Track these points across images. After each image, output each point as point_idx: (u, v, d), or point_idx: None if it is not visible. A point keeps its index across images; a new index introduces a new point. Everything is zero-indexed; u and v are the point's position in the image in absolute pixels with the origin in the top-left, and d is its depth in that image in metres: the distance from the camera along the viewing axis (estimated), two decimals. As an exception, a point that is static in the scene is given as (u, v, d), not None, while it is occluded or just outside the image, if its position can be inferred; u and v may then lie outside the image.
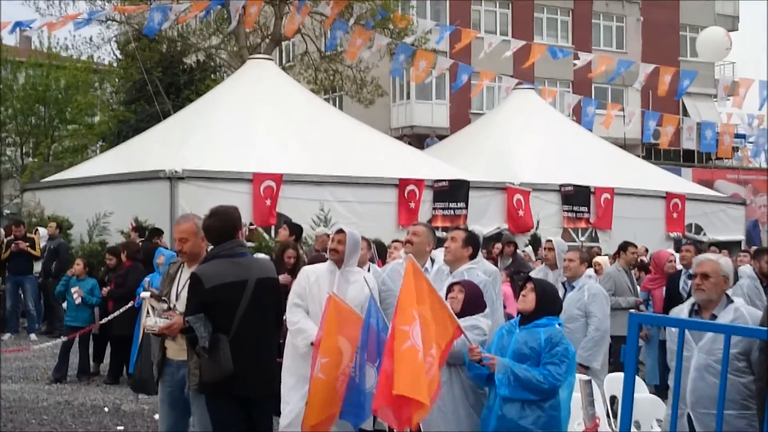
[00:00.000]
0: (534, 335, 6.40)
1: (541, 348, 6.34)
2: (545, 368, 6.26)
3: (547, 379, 6.23)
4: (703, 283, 6.08)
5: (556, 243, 10.58)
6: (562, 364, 6.27)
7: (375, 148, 22.42)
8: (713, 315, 6.07)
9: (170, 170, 18.41)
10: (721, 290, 6.09)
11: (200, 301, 6.15)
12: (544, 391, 6.26)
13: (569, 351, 6.35)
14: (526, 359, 6.35)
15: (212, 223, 6.44)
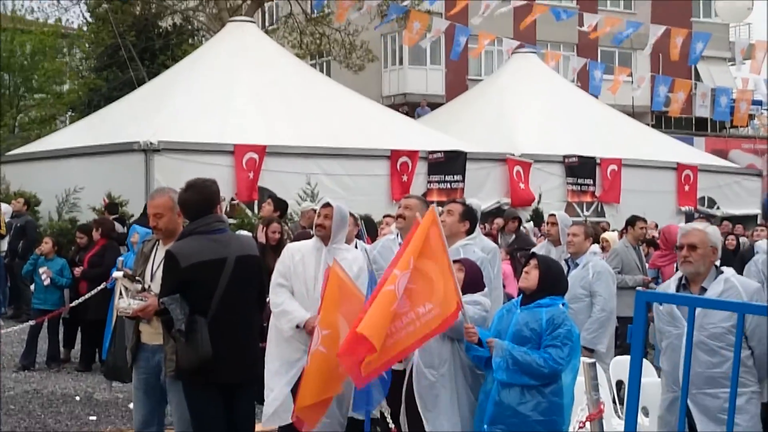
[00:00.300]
0: (535, 316, 6.38)
1: (542, 330, 6.31)
2: (546, 351, 6.23)
3: (548, 363, 6.20)
4: (690, 255, 6.09)
5: (559, 217, 10.56)
6: (565, 347, 6.24)
7: (365, 117, 22.37)
8: (702, 288, 6.08)
9: (145, 142, 18.35)
10: (709, 262, 6.10)
11: (176, 280, 6.13)
12: (544, 376, 6.22)
13: (573, 333, 6.32)
14: (527, 341, 6.33)
15: (188, 197, 6.41)
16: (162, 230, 6.73)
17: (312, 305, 7.44)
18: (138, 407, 6.91)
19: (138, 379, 6.83)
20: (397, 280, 6.06)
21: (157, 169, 18.24)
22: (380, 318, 6.00)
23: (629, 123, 29.01)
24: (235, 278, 6.26)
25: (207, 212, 6.38)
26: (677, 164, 25.40)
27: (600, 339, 9.21)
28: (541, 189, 22.63)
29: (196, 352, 6.04)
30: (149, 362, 6.73)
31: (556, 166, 23.43)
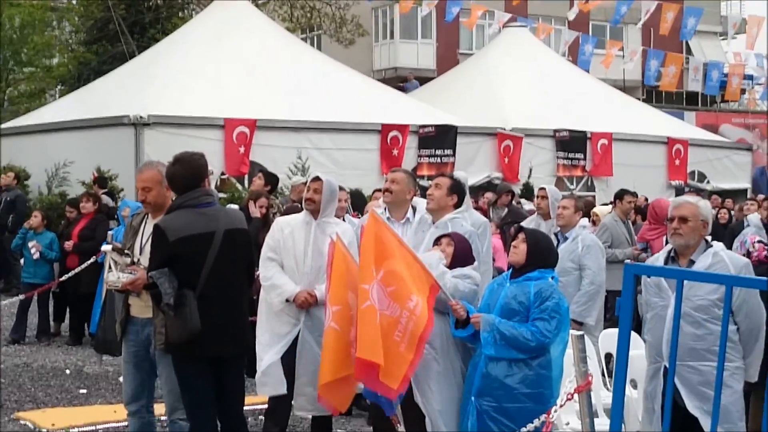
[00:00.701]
0: (524, 289, 6.39)
1: (530, 303, 6.31)
2: (533, 324, 6.24)
3: (535, 336, 6.21)
4: (680, 227, 6.08)
5: (549, 191, 10.56)
6: (552, 320, 6.24)
7: (356, 91, 22.32)
8: (691, 261, 6.08)
9: (135, 116, 18.29)
10: (699, 235, 6.10)
11: (164, 254, 6.13)
12: (532, 349, 6.23)
13: (561, 306, 6.33)
14: (515, 314, 6.34)
15: (176, 171, 6.39)
16: (151, 204, 6.72)
17: (301, 279, 7.46)
18: (128, 380, 6.92)
19: (127, 352, 6.84)
20: (369, 294, 6.09)
21: (146, 143, 18.18)
22: (372, 334, 6.04)
23: (620, 97, 28.99)
24: (223, 252, 6.25)
25: (195, 186, 6.37)
26: (668, 138, 25.41)
27: (589, 312, 9.24)
28: (531, 163, 22.64)
29: (184, 325, 6.04)
30: (139, 335, 6.74)
31: (546, 140, 23.42)
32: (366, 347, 6.02)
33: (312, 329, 7.40)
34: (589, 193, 22.67)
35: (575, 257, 9.33)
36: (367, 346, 6.02)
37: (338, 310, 6.48)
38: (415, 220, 7.71)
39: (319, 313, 7.38)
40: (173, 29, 27.63)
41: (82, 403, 9.69)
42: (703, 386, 5.87)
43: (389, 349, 6.13)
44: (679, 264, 6.12)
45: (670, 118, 29.57)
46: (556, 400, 5.95)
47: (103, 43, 30.73)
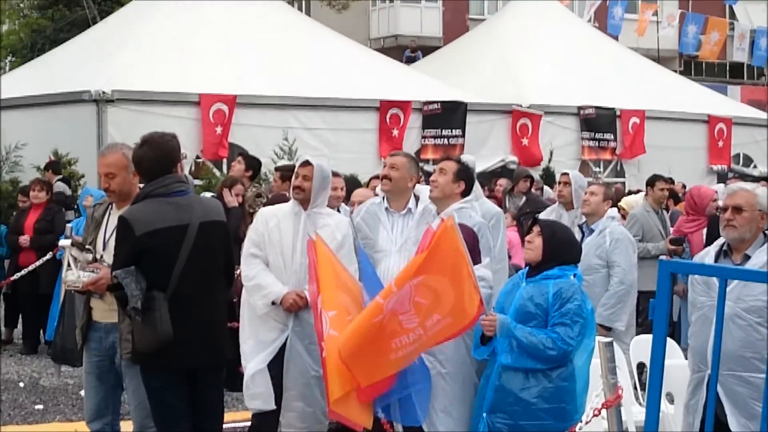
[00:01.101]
0: (541, 289, 6.36)
1: (548, 305, 6.30)
2: (554, 330, 6.22)
3: (557, 344, 6.19)
4: (735, 218, 6.07)
5: (573, 177, 10.54)
6: (575, 325, 6.22)
7: (350, 62, 22.29)
8: (746, 256, 6.08)
9: (96, 91, 18.26)
10: (756, 227, 6.09)
11: (130, 251, 6.13)
12: (553, 359, 6.22)
13: (584, 308, 6.29)
14: (531, 318, 6.30)
15: (144, 154, 6.39)
16: (115, 192, 6.71)
17: (290, 278, 7.44)
18: (90, 394, 6.91)
19: (89, 362, 6.83)
20: (390, 296, 6.11)
21: (110, 122, 18.17)
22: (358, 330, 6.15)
23: (654, 69, 28.96)
24: (198, 247, 6.25)
25: (166, 171, 6.37)
26: (708, 116, 25.40)
27: (618, 316, 9.23)
28: (552, 145, 22.63)
29: (154, 332, 6.04)
30: (102, 343, 6.72)
31: (569, 118, 23.40)
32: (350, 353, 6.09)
33: (302, 335, 7.39)
34: (619, 179, 22.68)
35: (602, 253, 9.32)
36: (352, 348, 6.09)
37: (334, 315, 6.42)
38: (417, 210, 7.71)
39: (310, 317, 7.38)
40: (140, -9, 27.59)
41: (38, 420, 9.69)
42: (753, 401, 5.86)
43: (380, 353, 6.13)
44: (733, 260, 6.11)
45: (711, 92, 29.55)
46: (580, 416, 5.96)
47: (59, 7, 30.75)
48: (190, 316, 6.18)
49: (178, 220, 6.24)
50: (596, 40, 28.06)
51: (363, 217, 7.89)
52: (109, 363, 6.73)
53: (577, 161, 22.87)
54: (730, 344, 5.79)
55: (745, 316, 5.89)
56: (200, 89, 19.02)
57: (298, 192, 7.53)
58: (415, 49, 33.63)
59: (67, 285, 6.67)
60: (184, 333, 6.09)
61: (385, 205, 7.78)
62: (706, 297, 6.09)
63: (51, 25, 30.83)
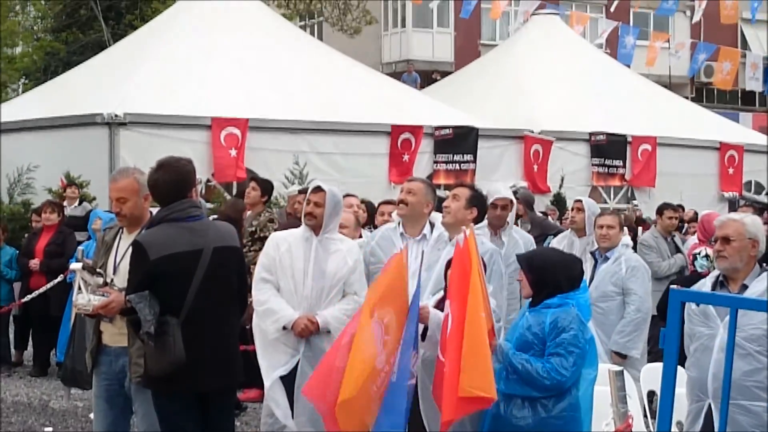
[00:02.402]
0: (540, 318, 6.32)
1: (545, 334, 6.27)
2: (549, 361, 6.17)
3: (550, 374, 6.12)
4: (725, 249, 6.10)
5: (586, 204, 10.55)
6: (570, 356, 6.14)
7: (362, 87, 22.34)
8: (744, 286, 6.09)
9: (109, 114, 18.32)
10: (748, 256, 6.10)
11: (144, 275, 6.14)
12: (546, 388, 6.18)
13: (579, 338, 6.20)
14: (529, 347, 6.25)
15: (160, 178, 6.40)
16: (126, 217, 6.72)
17: (301, 303, 7.47)
18: (99, 418, 6.92)
19: (99, 386, 6.84)
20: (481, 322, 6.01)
21: (122, 145, 18.21)
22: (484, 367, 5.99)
23: (665, 96, 29.00)
24: (212, 273, 6.26)
25: (181, 196, 6.38)
26: (720, 143, 25.40)
27: (635, 343, 9.24)
28: (563, 171, 22.64)
29: (167, 357, 6.04)
30: (112, 366, 6.73)
31: (581, 144, 23.42)
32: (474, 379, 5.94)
33: (312, 360, 7.39)
34: (626, 206, 22.65)
35: (618, 280, 9.33)
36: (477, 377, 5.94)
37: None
38: (432, 237, 7.74)
39: (320, 341, 7.41)
40: (153, 15, 27.72)
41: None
42: (755, 428, 5.87)
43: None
44: (730, 290, 6.13)
45: (722, 119, 29.56)
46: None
47: (73, 30, 30.90)
48: (203, 340, 6.19)
49: (192, 245, 6.25)
50: (608, 66, 28.11)
51: (378, 241, 7.95)
52: (119, 387, 6.73)
53: (587, 187, 22.90)
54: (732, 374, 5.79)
55: (745, 345, 5.90)
56: (212, 113, 19.07)
57: (310, 219, 7.56)
58: (411, 71, 33.67)
59: (77, 308, 6.67)
60: (197, 357, 6.10)
61: (400, 230, 7.82)
62: (704, 327, 6.12)
63: (64, 48, 30.98)
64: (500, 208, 9.53)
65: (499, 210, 9.53)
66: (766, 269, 6.15)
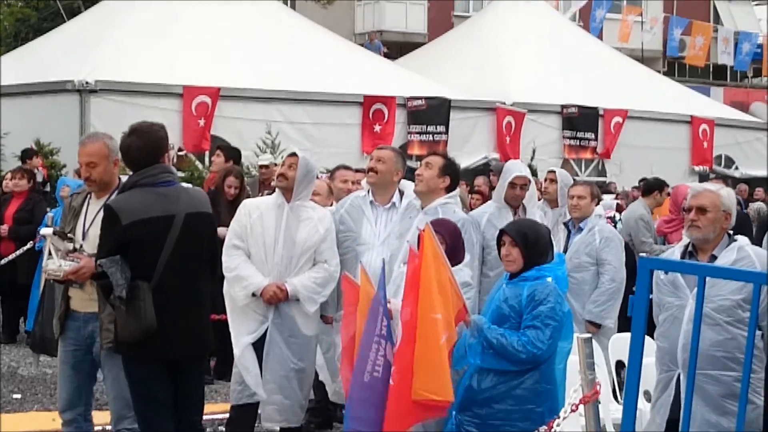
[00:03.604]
0: (517, 291, 6.29)
1: (521, 307, 6.25)
2: (524, 334, 6.13)
3: (526, 347, 6.08)
4: (699, 219, 6.09)
5: (559, 174, 10.56)
6: (546, 328, 6.10)
7: (334, 57, 22.30)
8: (713, 256, 6.10)
9: (80, 81, 18.24)
10: (721, 228, 6.10)
11: (116, 240, 6.10)
12: (522, 362, 6.14)
13: (557, 311, 6.19)
14: (505, 320, 6.21)
15: (132, 143, 6.35)
16: (95, 182, 6.65)
17: (271, 270, 7.48)
18: (64, 384, 6.87)
19: (65, 351, 6.81)
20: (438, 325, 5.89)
21: (93, 112, 18.15)
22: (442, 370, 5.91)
23: (638, 69, 29.04)
24: (184, 239, 6.22)
25: (153, 161, 6.33)
26: (691, 117, 25.50)
27: (609, 313, 9.25)
28: (535, 143, 22.67)
29: (138, 322, 6.00)
30: (80, 333, 6.71)
31: (552, 117, 23.48)
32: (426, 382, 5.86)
33: (281, 327, 7.44)
34: (600, 179, 22.73)
35: (592, 251, 9.33)
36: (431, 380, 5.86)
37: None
38: (401, 205, 7.75)
39: (290, 309, 7.42)
40: (125, -18, 27.49)
41: (16, 409, 9.66)
42: (724, 400, 5.89)
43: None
44: (699, 260, 6.13)
45: (694, 94, 29.67)
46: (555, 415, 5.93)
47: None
48: (174, 306, 6.16)
49: (164, 211, 6.21)
50: (581, 40, 28.15)
51: (347, 209, 7.93)
52: (85, 353, 6.71)
53: (558, 160, 22.94)
54: (700, 344, 5.80)
55: (714, 315, 5.91)
56: (184, 81, 19.01)
57: (281, 180, 7.56)
58: (373, 39, 33.48)
59: (47, 274, 6.63)
60: (167, 323, 6.07)
61: (369, 198, 7.81)
62: (674, 297, 6.12)
63: (36, 14, 30.70)
64: (519, 188, 8.93)
65: (518, 189, 8.94)
66: (735, 240, 6.16)
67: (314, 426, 8.71)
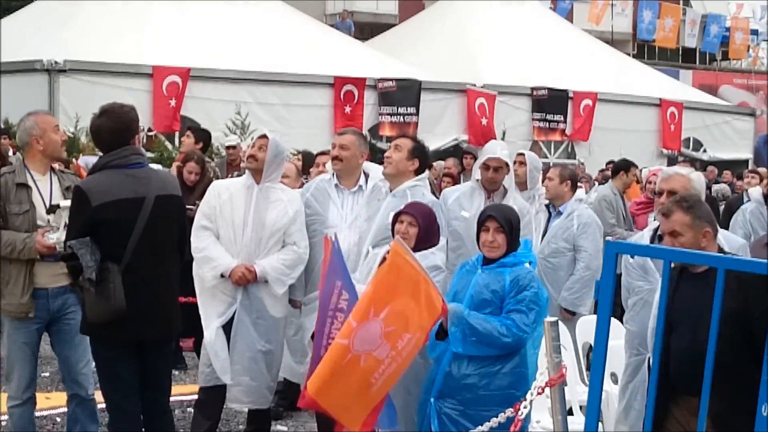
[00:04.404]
0: (498, 277, 6.27)
1: (505, 292, 6.22)
2: (509, 317, 6.12)
3: (511, 330, 6.07)
4: None
5: (528, 157, 10.49)
6: (530, 312, 6.11)
7: (305, 38, 22.26)
8: None
9: (49, 61, 18.16)
10: None
11: (86, 221, 6.08)
12: (508, 346, 6.13)
13: (540, 296, 6.22)
14: (487, 306, 6.18)
15: (102, 124, 6.33)
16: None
17: (240, 251, 7.47)
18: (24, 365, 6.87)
19: (29, 332, 6.84)
20: (352, 333, 5.78)
21: (62, 92, 18.09)
22: (329, 375, 5.82)
23: (608, 52, 29.15)
24: (153, 221, 6.20)
25: (123, 143, 6.31)
26: (660, 100, 25.62)
27: (583, 300, 9.25)
28: (505, 125, 22.71)
29: (107, 304, 5.99)
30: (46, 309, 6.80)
31: (522, 99, 23.54)
32: (319, 388, 5.82)
33: (249, 309, 7.44)
34: (569, 161, 22.79)
35: (569, 236, 9.31)
36: (322, 385, 5.82)
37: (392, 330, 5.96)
38: (367, 188, 7.74)
39: (258, 290, 7.42)
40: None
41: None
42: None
43: (361, 390, 5.95)
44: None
45: (663, 77, 29.80)
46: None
47: (11, -27, 30.33)
48: (143, 288, 6.15)
49: (134, 193, 6.19)
50: (551, 22, 28.22)
51: (312, 193, 7.92)
52: (40, 330, 6.86)
53: (528, 142, 23.03)
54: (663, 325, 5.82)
55: None
56: (154, 61, 18.95)
57: (251, 161, 7.55)
58: (345, 18, 33.43)
59: (46, 248, 6.60)
60: (136, 305, 6.06)
61: (334, 181, 7.81)
62: (643, 281, 6.15)
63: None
64: (492, 170, 8.34)
65: (492, 172, 8.34)
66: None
67: (283, 408, 8.73)
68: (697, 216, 5.55)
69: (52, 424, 8.38)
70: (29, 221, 6.69)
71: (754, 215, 10.40)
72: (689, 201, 5.61)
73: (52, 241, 6.57)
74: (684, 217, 5.55)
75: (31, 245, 6.59)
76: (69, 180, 7.00)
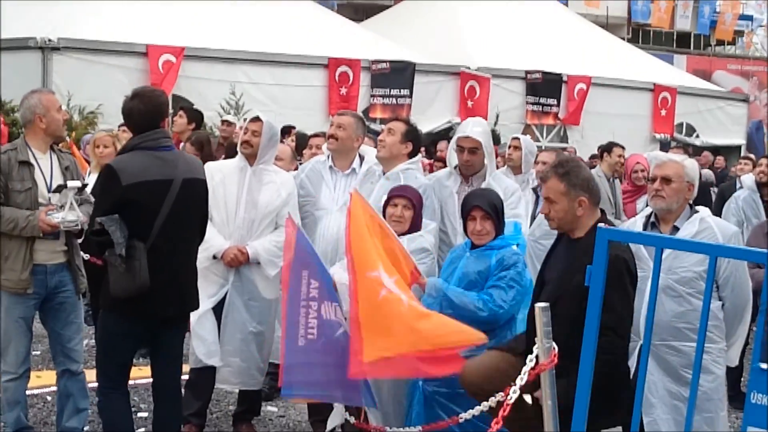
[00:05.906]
0: (485, 259, 6.44)
1: (490, 272, 6.36)
2: (487, 292, 6.27)
3: (487, 305, 6.21)
4: (663, 189, 6.14)
5: (524, 141, 10.59)
6: (510, 290, 6.28)
7: (300, 19, 22.24)
8: (675, 227, 6.18)
9: (42, 38, 18.13)
10: (684, 198, 6.18)
11: (115, 200, 6.22)
12: (482, 321, 6.14)
13: (523, 276, 6.35)
14: (473, 286, 6.37)
15: (135, 106, 6.49)
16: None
17: (232, 233, 7.53)
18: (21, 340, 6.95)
19: (27, 307, 6.90)
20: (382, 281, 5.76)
21: (55, 70, 18.06)
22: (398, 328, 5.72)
23: (602, 36, 29.11)
24: (180, 203, 6.37)
25: (154, 126, 6.47)
26: (654, 85, 25.64)
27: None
28: (498, 108, 22.70)
29: (133, 280, 6.14)
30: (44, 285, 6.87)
31: (516, 82, 23.55)
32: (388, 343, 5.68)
33: (241, 291, 7.49)
34: (562, 145, 22.79)
35: None
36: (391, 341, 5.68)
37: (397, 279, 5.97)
38: (361, 171, 7.77)
39: (250, 272, 7.44)
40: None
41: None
42: (685, 369, 5.97)
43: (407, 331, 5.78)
44: (661, 230, 6.21)
45: (657, 61, 29.79)
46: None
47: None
48: (166, 266, 6.29)
49: (163, 175, 6.35)
50: (546, 5, 28.13)
51: (307, 174, 7.96)
52: (35, 306, 6.94)
53: (521, 125, 23.03)
54: (662, 315, 5.90)
55: (677, 287, 6.01)
56: (148, 40, 18.89)
57: (246, 147, 7.60)
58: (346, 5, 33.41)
59: (64, 225, 6.72)
60: (158, 282, 6.21)
61: (329, 163, 7.81)
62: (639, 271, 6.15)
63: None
64: (468, 152, 7.74)
65: (467, 154, 7.75)
66: (696, 211, 6.20)
67: (274, 389, 8.74)
68: (572, 184, 5.61)
69: (43, 402, 8.44)
70: (31, 199, 6.78)
71: (747, 203, 10.45)
72: (565, 167, 5.67)
73: (56, 220, 6.69)
74: (558, 184, 5.64)
75: (34, 223, 6.67)
76: (67, 160, 7.14)
